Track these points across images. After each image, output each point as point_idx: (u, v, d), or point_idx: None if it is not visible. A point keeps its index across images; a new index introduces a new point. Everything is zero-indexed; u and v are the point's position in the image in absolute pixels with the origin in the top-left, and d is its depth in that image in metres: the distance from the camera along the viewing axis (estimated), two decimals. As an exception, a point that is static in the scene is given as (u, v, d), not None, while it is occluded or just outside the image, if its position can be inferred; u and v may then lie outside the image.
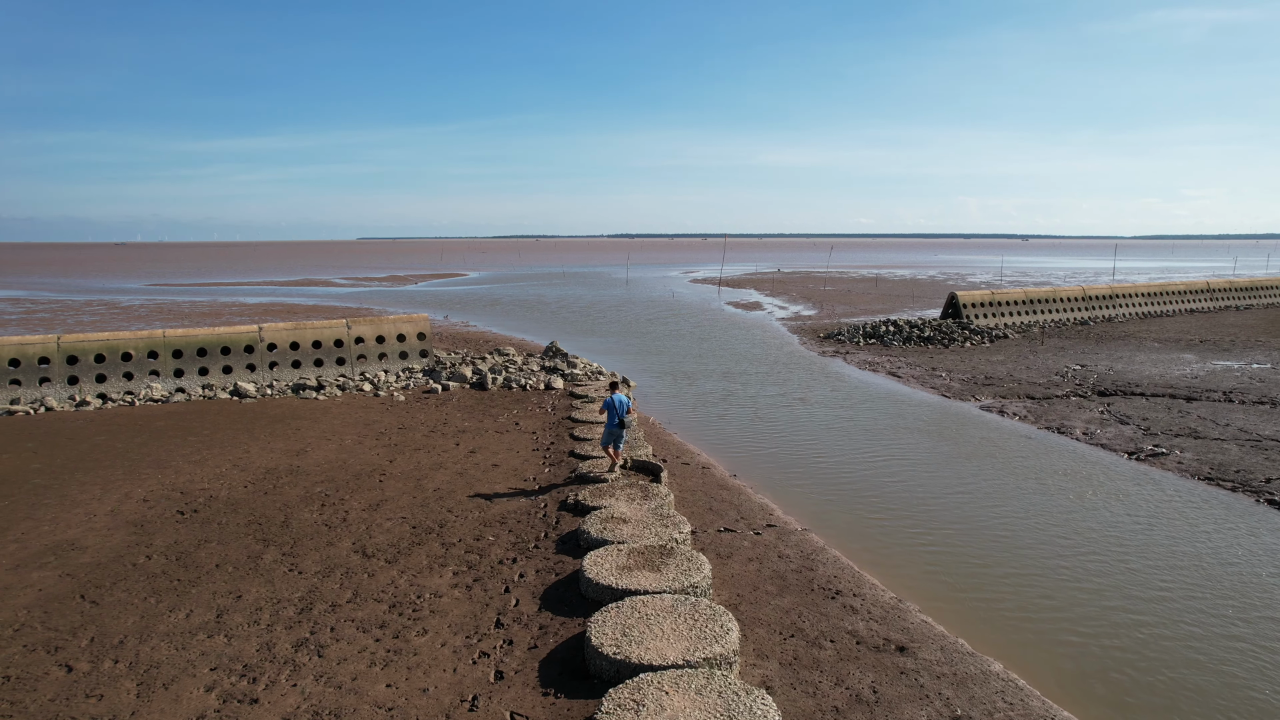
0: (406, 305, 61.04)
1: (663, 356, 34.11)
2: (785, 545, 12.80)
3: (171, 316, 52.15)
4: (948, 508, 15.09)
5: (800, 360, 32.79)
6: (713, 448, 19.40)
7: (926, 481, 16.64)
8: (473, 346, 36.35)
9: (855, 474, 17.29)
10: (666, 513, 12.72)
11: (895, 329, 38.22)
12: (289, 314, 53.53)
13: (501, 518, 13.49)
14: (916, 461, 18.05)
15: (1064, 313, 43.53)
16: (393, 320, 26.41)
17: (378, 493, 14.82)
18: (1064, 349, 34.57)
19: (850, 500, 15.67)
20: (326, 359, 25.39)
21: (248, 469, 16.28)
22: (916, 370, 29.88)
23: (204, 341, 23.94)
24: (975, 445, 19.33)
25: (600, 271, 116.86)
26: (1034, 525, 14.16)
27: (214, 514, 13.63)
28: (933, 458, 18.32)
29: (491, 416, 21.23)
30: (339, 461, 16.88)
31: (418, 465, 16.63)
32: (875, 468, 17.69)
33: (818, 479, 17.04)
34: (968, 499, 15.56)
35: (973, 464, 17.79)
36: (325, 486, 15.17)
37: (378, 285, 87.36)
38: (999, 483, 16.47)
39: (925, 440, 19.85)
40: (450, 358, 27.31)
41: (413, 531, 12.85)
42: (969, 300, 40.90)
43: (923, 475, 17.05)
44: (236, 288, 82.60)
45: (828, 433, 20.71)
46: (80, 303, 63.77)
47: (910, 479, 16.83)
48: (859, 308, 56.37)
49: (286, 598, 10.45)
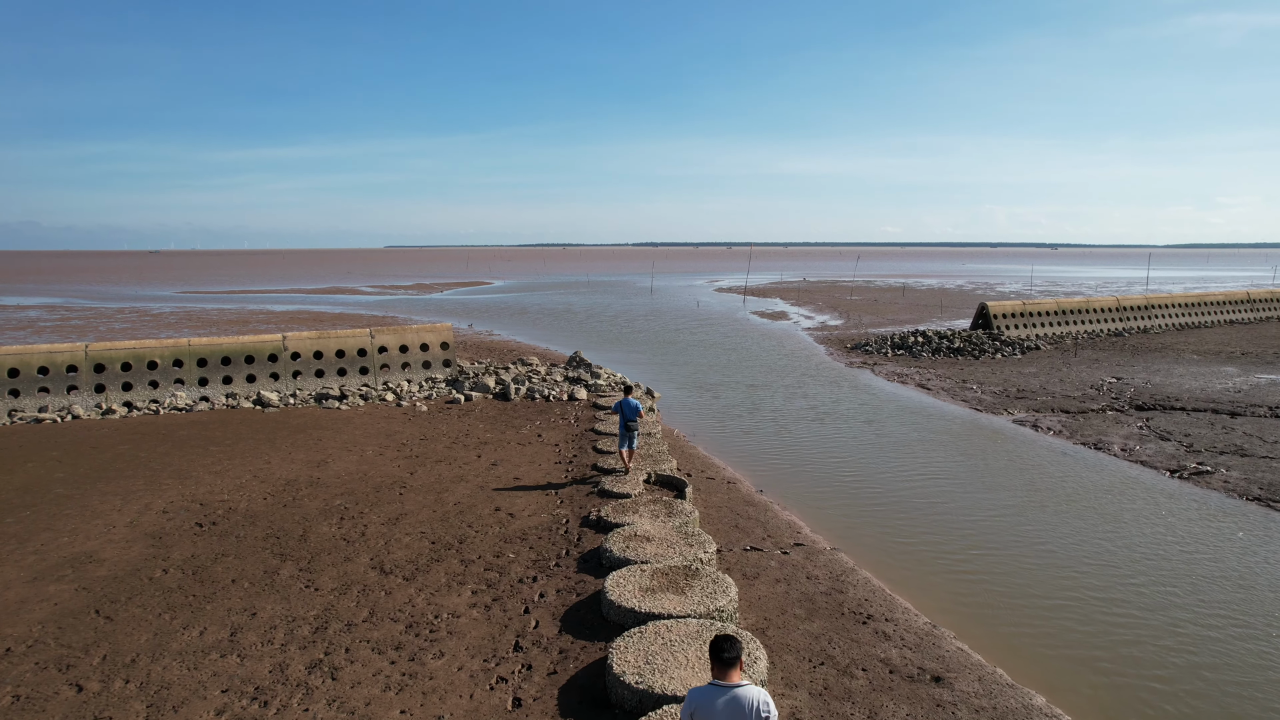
0: (431, 314, 61.23)
1: (687, 368, 33.76)
2: (814, 565, 12.39)
3: (200, 324, 52.68)
4: (982, 527, 14.58)
5: (827, 371, 32.28)
6: (738, 462, 19.01)
7: (958, 499, 16.13)
8: (496, 356, 36.23)
9: (885, 490, 16.81)
10: (691, 531, 12.36)
11: (924, 340, 37.57)
12: (315, 322, 53.90)
13: (522, 534, 13.21)
14: (948, 478, 17.54)
15: (1098, 323, 42.58)
16: (415, 329, 26.32)
17: (397, 506, 14.61)
18: (1098, 361, 33.74)
19: (880, 518, 15.21)
20: (350, 368, 25.33)
21: (268, 480, 16.15)
22: (946, 382, 29.27)
23: (228, 350, 23.97)
24: (1008, 461, 18.76)
25: (625, 280, 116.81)
26: (1073, 547, 13.61)
27: (232, 526, 13.49)
28: (964, 474, 17.79)
29: (514, 428, 21.00)
30: (359, 473, 16.72)
31: (438, 478, 16.41)
32: (905, 484, 17.20)
33: (846, 495, 16.59)
34: (1001, 518, 15.04)
35: (1006, 481, 17.24)
36: (345, 499, 14.99)
37: (403, 293, 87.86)
38: (1034, 501, 15.92)
39: (956, 456, 19.31)
40: (473, 367, 27.17)
41: (432, 547, 12.60)
42: (1000, 311, 40.13)
43: (954, 492, 16.54)
44: (265, 295, 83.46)
45: (856, 447, 20.24)
46: (112, 310, 64.70)
47: (942, 496, 16.33)
48: (886, 318, 55.65)
49: (302, 616, 10.23)
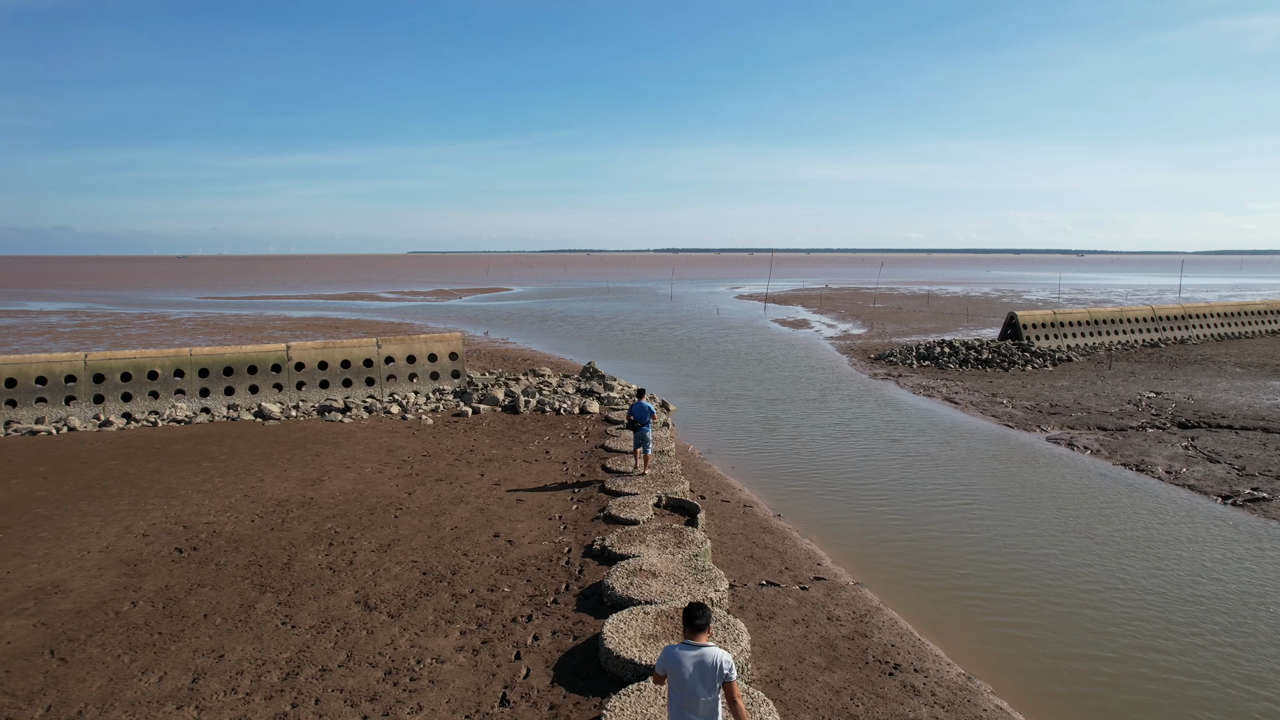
0: (448, 320, 60.69)
1: (705, 379, 32.75)
2: (835, 603, 11.36)
3: (217, 330, 52.43)
4: (1019, 561, 13.46)
5: (849, 383, 31.14)
6: (755, 482, 17.99)
7: (992, 527, 15.00)
8: (510, 365, 35.44)
9: (912, 517, 15.71)
10: (702, 565, 11.37)
11: (951, 350, 36.29)
12: (331, 329, 53.49)
13: (520, 564, 12.29)
14: (979, 503, 16.40)
15: (1132, 334, 41.04)
16: (424, 339, 25.54)
17: (391, 531, 13.75)
18: (1134, 374, 32.31)
19: (907, 548, 14.12)
20: (355, 379, 24.60)
21: (259, 500, 15.36)
22: (975, 396, 28.04)
23: (231, 360, 23.32)
24: (1044, 485, 17.58)
25: (644, 287, 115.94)
26: (1120, 586, 12.46)
27: (214, 552, 12.68)
28: (997, 498, 16.65)
29: (521, 444, 20.12)
30: (355, 493, 15.89)
31: (437, 499, 15.55)
32: (934, 510, 16.09)
33: (870, 521, 15.51)
34: (1041, 551, 13.89)
35: (1043, 507, 16.07)
36: (336, 522, 14.16)
37: (422, 300, 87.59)
38: (1075, 530, 14.75)
39: (988, 478, 18.15)
40: (483, 378, 26.35)
41: (422, 579, 11.71)
42: (1029, 320, 38.74)
43: (987, 519, 15.41)
44: (284, 301, 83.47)
45: (880, 467, 19.13)
46: (133, 316, 64.80)
47: (973, 524, 15.20)
48: (910, 326, 54.29)
49: (273, 658, 9.36)
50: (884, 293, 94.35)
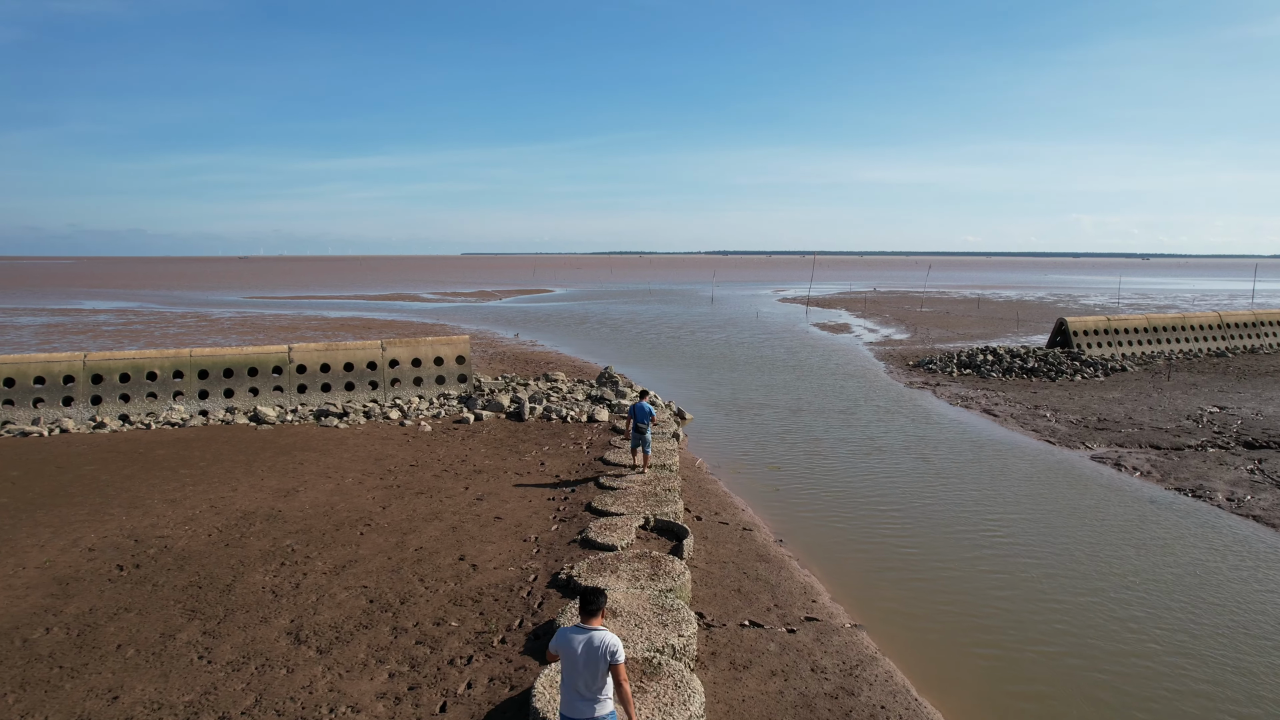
0: (483, 322, 60.21)
1: (731, 386, 31.32)
2: (825, 650, 9.95)
3: (251, 330, 52.71)
4: (1046, 608, 11.83)
5: (883, 393, 29.39)
6: (761, 501, 16.58)
7: (1020, 565, 13.36)
8: (533, 368, 34.49)
9: (929, 548, 14.15)
10: (671, 604, 10.06)
11: (994, 358, 34.19)
12: (363, 329, 53.36)
13: (478, 593, 11.14)
14: (1008, 534, 14.74)
15: (1195, 342, 38.29)
16: (430, 342, 24.67)
17: (351, 550, 12.74)
18: (1195, 386, 29.88)
19: (918, 586, 12.59)
20: (358, 382, 23.82)
21: (224, 512, 14.51)
22: (1016, 408, 26.09)
23: (231, 362, 22.73)
24: (1084, 512, 15.80)
25: (687, 289, 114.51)
26: (1174, 646, 10.78)
27: (156, 571, 11.81)
28: (1029, 530, 14.95)
29: (517, 454, 19.02)
30: (326, 506, 14.95)
31: (411, 515, 14.51)
32: (954, 541, 14.49)
33: (881, 552, 13.99)
34: (1073, 596, 12.24)
35: (1081, 540, 14.35)
36: (297, 539, 13.21)
37: (462, 301, 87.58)
38: (1116, 570, 13.03)
39: (1020, 503, 16.44)
40: (492, 383, 25.38)
41: (367, 608, 10.64)
42: (1080, 327, 36.36)
43: (1015, 554, 13.76)
44: (326, 302, 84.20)
45: (902, 489, 17.55)
46: (176, 315, 65.80)
47: (999, 560, 13.58)
48: (956, 332, 51.95)
49: (172, 701, 8.36)
50: (933, 297, 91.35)
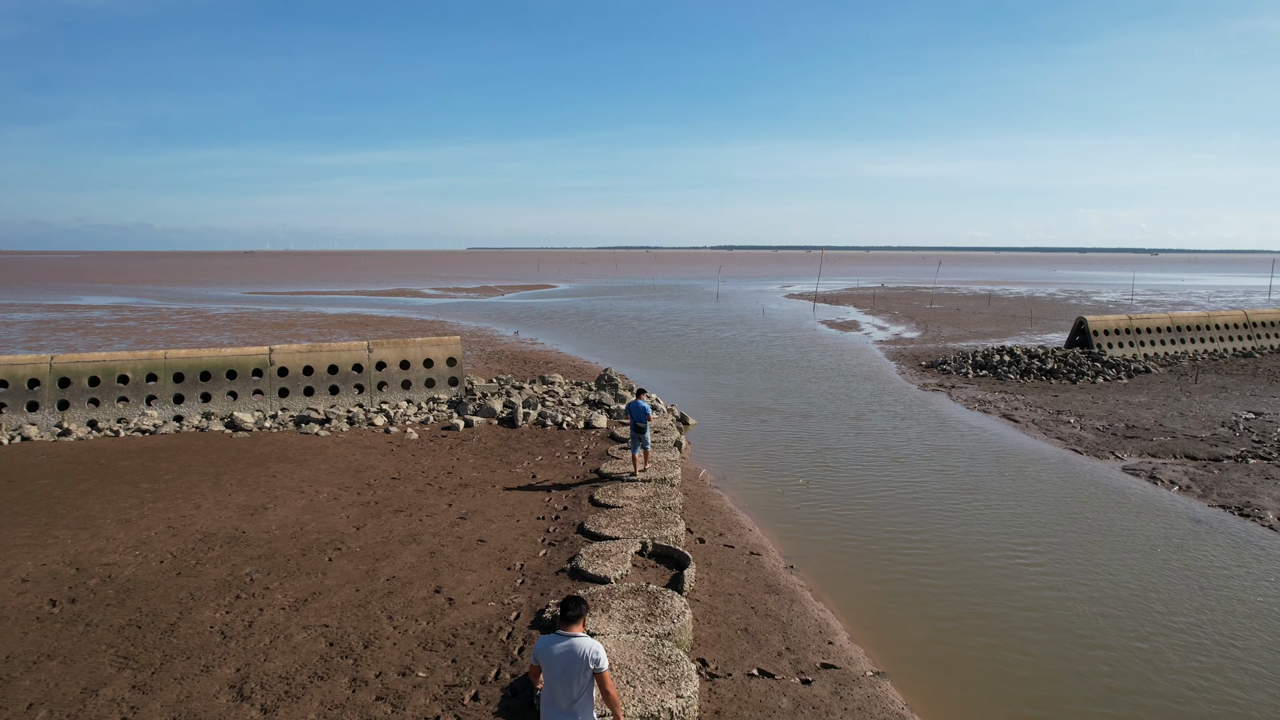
0: (483, 319, 58.98)
1: (736, 388, 30.02)
2: (845, 707, 8.69)
3: (246, 327, 51.58)
4: (1094, 649, 10.53)
5: (896, 396, 28.05)
6: (769, 519, 15.30)
7: (1061, 594, 12.06)
8: (530, 369, 33.25)
9: (955, 577, 12.85)
10: (669, 655, 8.79)
11: (1011, 359, 32.81)
12: (361, 326, 52.20)
13: (452, 634, 9.90)
14: (1043, 559, 13.41)
15: (1220, 342, 36.85)
16: (419, 343, 23.42)
17: (316, 580, 11.50)
18: (1226, 389, 28.48)
19: (947, 622, 11.30)
20: (343, 386, 22.58)
21: (182, 533, 13.29)
22: (1037, 413, 24.75)
23: (208, 364, 21.51)
24: (1125, 533, 14.47)
25: (692, 285, 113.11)
26: (1239, 707, 9.49)
27: (93, 606, 10.59)
28: (1065, 554, 13.63)
29: (507, 465, 17.77)
30: (296, 526, 13.71)
31: (386, 537, 13.27)
32: (984, 567, 13.19)
33: (903, 581, 12.70)
34: (1126, 637, 10.93)
35: (1126, 568, 13.03)
36: (259, 565, 11.98)
37: (464, 297, 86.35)
38: (1175, 605, 11.72)
39: (1053, 522, 15.11)
40: (485, 386, 24.12)
41: (326, 653, 9.41)
42: (1100, 326, 34.95)
43: (1054, 583, 12.45)
44: (326, 297, 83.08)
45: (923, 504, 16.24)
46: (172, 311, 64.69)
47: (1035, 590, 12.27)
48: (969, 329, 50.54)
49: (82, 780, 7.13)
50: (942, 293, 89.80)
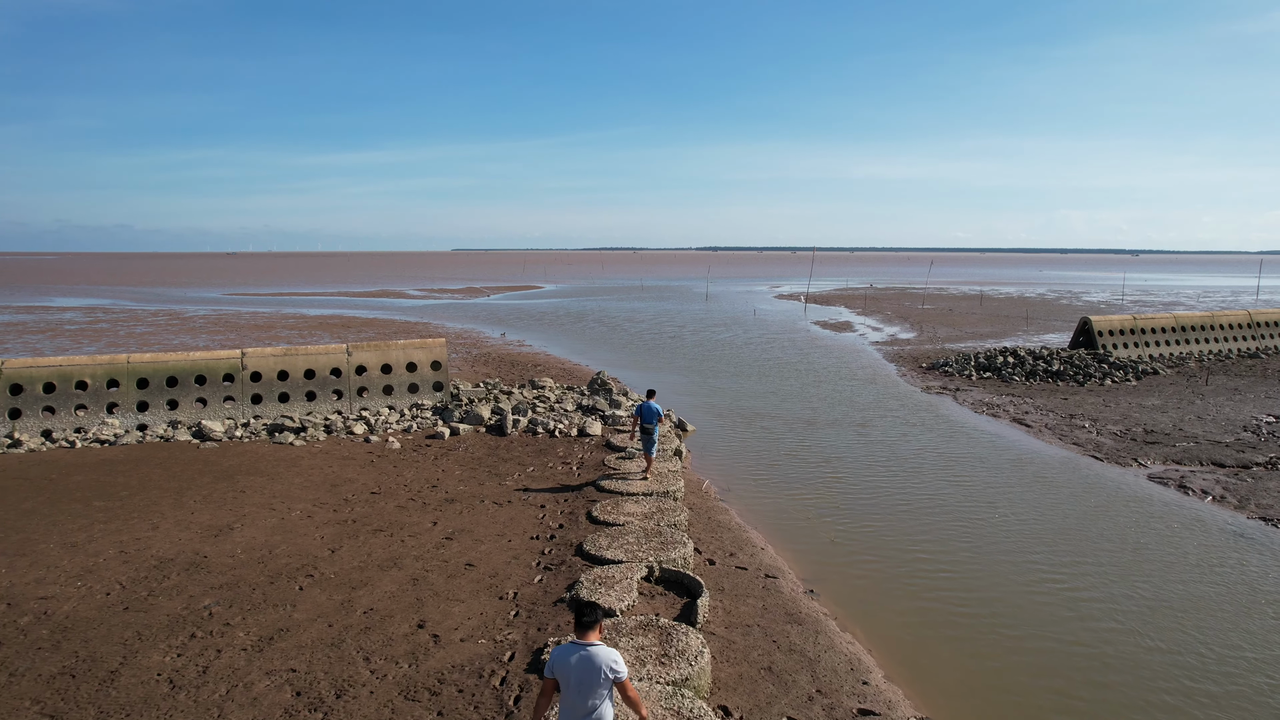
0: (469, 320, 57.59)
1: (732, 393, 28.86)
2: (891, 767, 7.50)
3: (223, 329, 49.97)
4: (1165, 693, 9.41)
5: (900, 400, 26.98)
6: (782, 536, 14.12)
7: (1113, 624, 10.93)
8: (518, 372, 31.98)
9: (993, 601, 11.70)
10: (689, 708, 7.58)
11: (1016, 361, 31.84)
12: (342, 328, 50.73)
13: (438, 679, 8.65)
14: (1083, 581, 12.30)
15: (1225, 342, 36.09)
16: (402, 346, 22.09)
17: (284, 613, 10.21)
18: (1238, 391, 27.60)
19: (992, 659, 10.14)
20: (321, 392, 21.22)
21: (134, 560, 11.94)
22: (1049, 417, 23.74)
23: (175, 369, 20.10)
24: (1164, 551, 13.39)
25: (681, 285, 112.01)
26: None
27: (21, 651, 9.24)
28: (1105, 575, 12.52)
29: (497, 477, 16.50)
30: (265, 549, 12.39)
31: (365, 561, 11.98)
32: (1020, 589, 12.05)
33: (934, 607, 11.54)
34: (1197, 678, 9.83)
35: (1178, 593, 11.94)
36: (220, 596, 10.67)
37: (449, 298, 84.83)
38: (1249, 639, 10.64)
39: (1087, 538, 14.02)
40: (471, 391, 22.81)
41: (291, 705, 8.13)
42: (1105, 327, 34.06)
43: (1102, 611, 11.33)
44: (308, 298, 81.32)
45: (943, 519, 15.11)
46: (148, 312, 62.86)
47: (1082, 621, 11.15)
48: (964, 330, 49.66)
49: None
50: (932, 293, 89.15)
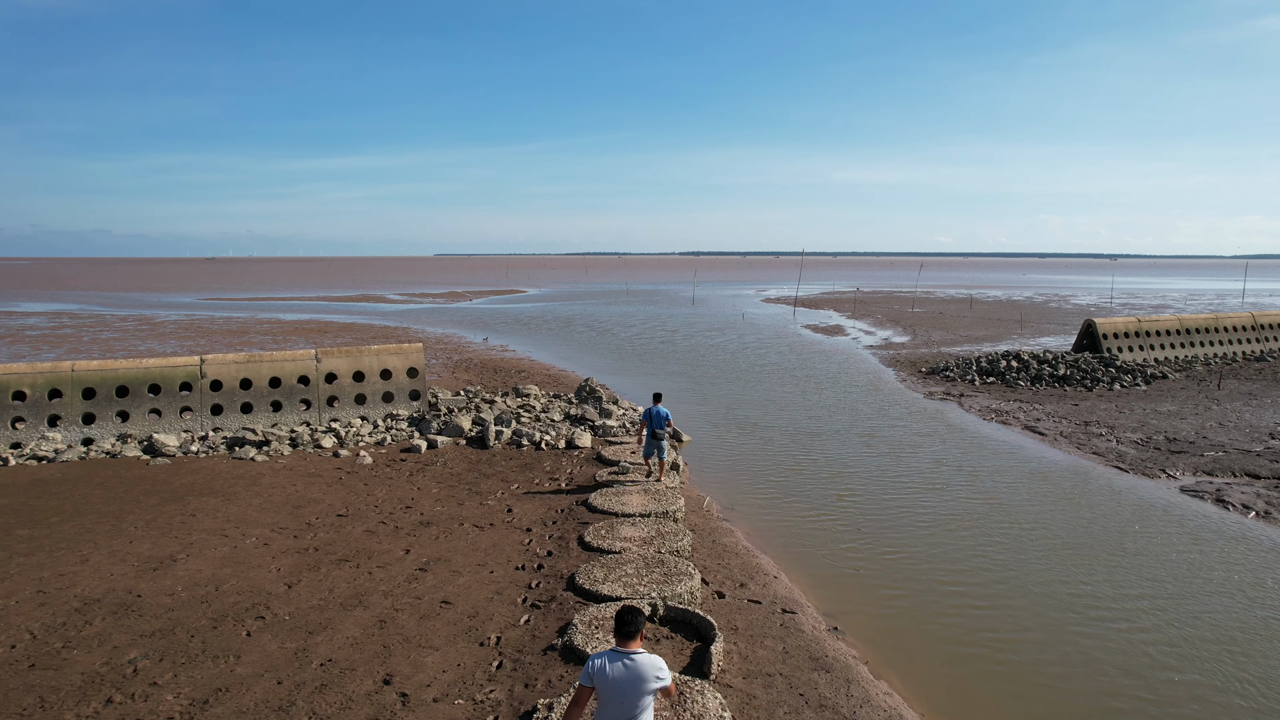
0: (450, 325, 55.92)
1: (726, 400, 27.47)
2: None
3: (195, 334, 48.07)
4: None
5: (905, 407, 25.69)
6: (795, 562, 12.71)
7: (1191, 675, 9.61)
8: (501, 378, 30.45)
9: (1044, 643, 10.33)
10: (712, 800, 6.14)
11: (1020, 365, 30.67)
12: (319, 333, 48.96)
13: (404, 755, 7.15)
14: (1143, 621, 10.97)
15: (1230, 345, 35.14)
16: (376, 352, 20.52)
17: (226, 667, 8.67)
18: (1254, 396, 26.53)
19: (1054, 714, 8.77)
20: (287, 402, 19.61)
21: (53, 601, 10.33)
22: (1063, 425, 22.50)
23: (126, 378, 18.43)
24: (1218, 568, 12.10)
25: (666, 289, 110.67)
26: None
27: (-97, 722, 7.68)
28: (1160, 609, 11.20)
29: (478, 495, 14.99)
30: (210, 585, 10.82)
31: (326, 598, 10.44)
32: (1076, 630, 10.69)
33: (980, 648, 10.14)
34: None
35: (1228, 622, 10.64)
36: (151, 645, 9.11)
37: (431, 302, 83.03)
38: (1311, 672, 9.32)
39: (1129, 558, 12.70)
40: (451, 400, 21.26)
41: (220, 795, 6.61)
42: (1110, 329, 33.00)
43: (1167, 658, 10.00)
44: (285, 303, 79.27)
45: (971, 540, 13.75)
46: (117, 318, 60.71)
47: (1152, 666, 9.81)
48: (958, 334, 48.58)
49: None
50: (921, 297, 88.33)
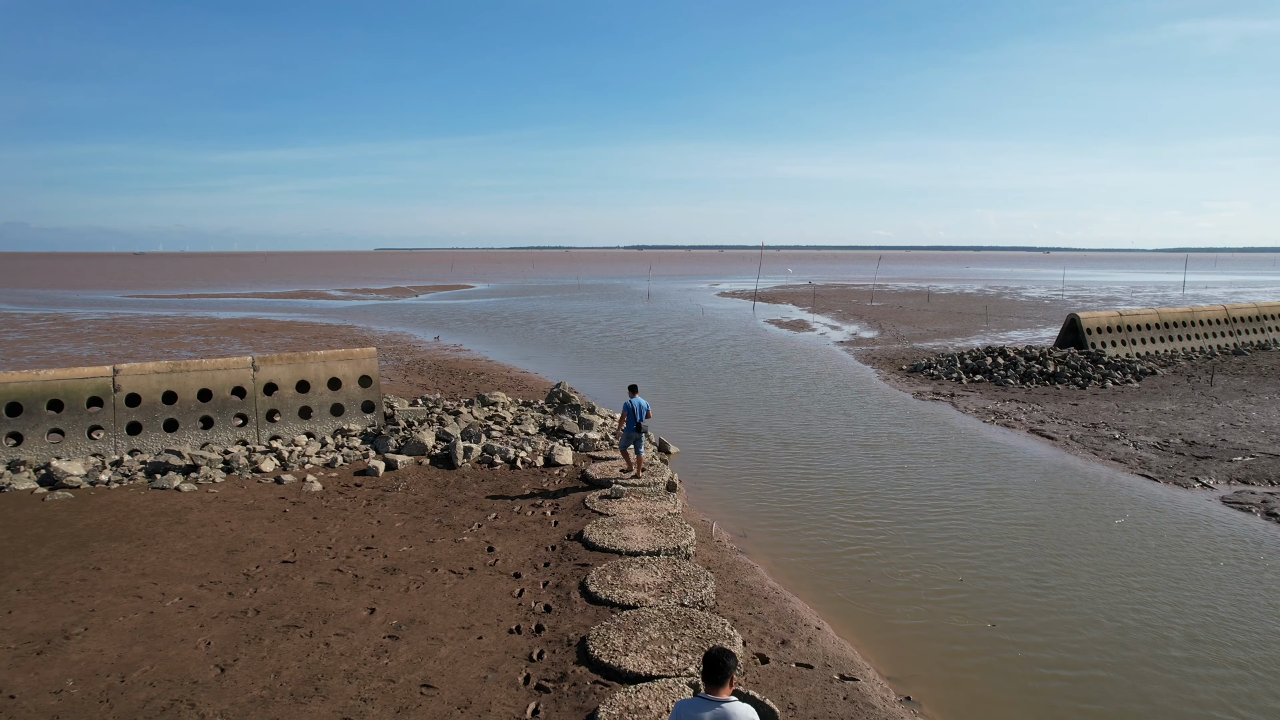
0: (397, 323, 52.88)
1: (705, 404, 25.55)
2: None
3: (117, 335, 44.19)
4: None
5: (896, 409, 24.10)
6: (833, 605, 10.77)
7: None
8: (459, 381, 28.02)
9: (1154, 703, 8.60)
10: None
11: (1007, 362, 29.44)
12: (256, 332, 45.56)
13: None
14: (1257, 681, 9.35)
15: (1206, 338, 34.63)
16: (323, 358, 17.97)
17: (130, 806, 6.33)
18: (1249, 393, 25.66)
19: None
20: (220, 417, 16.96)
21: (-97, 704, 7.82)
22: (1070, 427, 21.15)
23: (20, 393, 15.58)
24: (1317, 608, 10.59)
25: (618, 284, 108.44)
26: None
27: None
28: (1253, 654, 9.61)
29: (451, 529, 12.72)
30: (115, 671, 8.38)
31: (271, 685, 8.11)
32: (1193, 697, 8.99)
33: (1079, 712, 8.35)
34: None
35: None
36: (28, 774, 6.71)
37: (375, 298, 79.33)
38: None
39: (1203, 596, 11.13)
40: (410, 411, 18.81)
41: None
42: (1094, 324, 32.06)
43: None
44: (219, 300, 74.79)
45: (1030, 570, 12.01)
46: (27, 318, 55.93)
47: None
48: (925, 329, 47.60)
49: None
50: (875, 290, 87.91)
